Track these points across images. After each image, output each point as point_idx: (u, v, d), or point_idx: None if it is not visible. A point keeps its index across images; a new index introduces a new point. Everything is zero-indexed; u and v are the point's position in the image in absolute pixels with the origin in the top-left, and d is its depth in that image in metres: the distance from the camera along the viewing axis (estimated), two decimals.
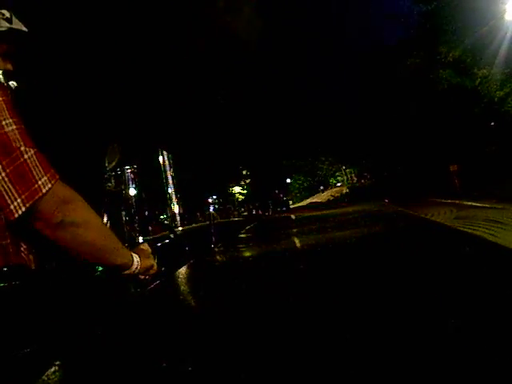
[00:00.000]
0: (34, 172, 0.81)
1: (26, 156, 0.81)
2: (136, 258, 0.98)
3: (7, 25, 1.05)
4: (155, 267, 1.05)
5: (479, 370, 0.45)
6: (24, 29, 1.11)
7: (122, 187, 4.54)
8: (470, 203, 8.09)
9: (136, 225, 4.43)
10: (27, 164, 0.81)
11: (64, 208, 0.83)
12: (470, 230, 4.29)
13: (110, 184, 4.49)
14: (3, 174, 0.78)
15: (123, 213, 4.38)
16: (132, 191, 4.59)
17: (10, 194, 0.78)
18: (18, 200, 0.78)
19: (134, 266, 0.97)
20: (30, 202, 0.79)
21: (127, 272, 0.97)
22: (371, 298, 0.76)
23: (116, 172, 4.50)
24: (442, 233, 1.61)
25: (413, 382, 0.46)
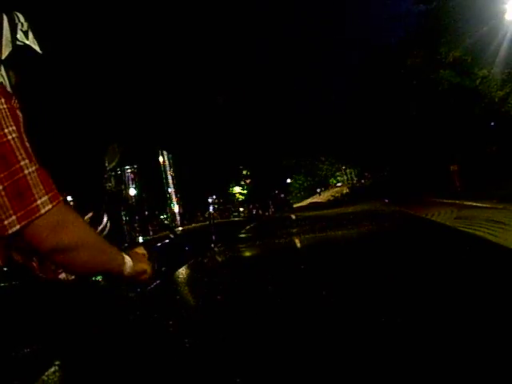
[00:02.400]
0: (34, 190, 0.76)
1: (26, 171, 0.76)
2: (129, 262, 0.93)
3: (24, 40, 0.94)
4: (149, 271, 0.99)
5: (477, 370, 0.45)
6: (38, 50, 0.97)
7: (122, 187, 4.54)
8: (470, 203, 8.09)
9: (136, 225, 4.43)
10: (27, 180, 0.75)
11: (58, 232, 0.77)
12: (470, 230, 4.29)
13: (110, 184, 4.48)
14: (0, 188, 0.73)
15: (123, 213, 4.39)
16: (132, 191, 4.59)
17: (4, 209, 0.73)
18: (13, 217, 0.73)
19: (126, 271, 0.92)
20: (25, 222, 0.74)
21: (119, 275, 0.91)
22: (371, 298, 0.76)
23: (116, 172, 4.50)
24: (442, 233, 1.61)
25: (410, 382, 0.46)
